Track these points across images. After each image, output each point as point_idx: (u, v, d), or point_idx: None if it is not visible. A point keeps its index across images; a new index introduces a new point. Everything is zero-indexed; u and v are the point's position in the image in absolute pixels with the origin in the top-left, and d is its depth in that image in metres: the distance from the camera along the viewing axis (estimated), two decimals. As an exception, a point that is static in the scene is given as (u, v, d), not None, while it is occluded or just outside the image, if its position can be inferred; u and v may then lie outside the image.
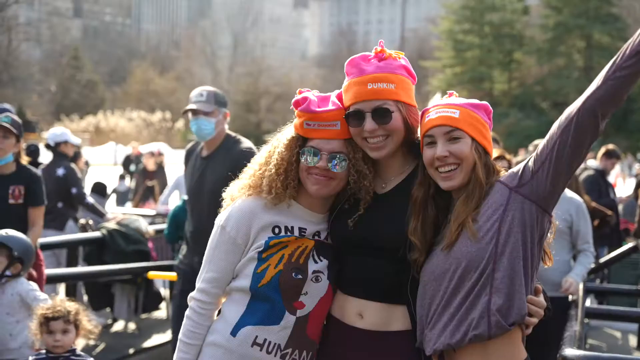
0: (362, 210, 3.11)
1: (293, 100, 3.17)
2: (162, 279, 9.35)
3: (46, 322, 4.49)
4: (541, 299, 2.87)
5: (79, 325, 4.56)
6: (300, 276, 3.11)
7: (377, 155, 3.07)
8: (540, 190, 2.75)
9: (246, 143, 5.86)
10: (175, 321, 6.02)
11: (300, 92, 3.21)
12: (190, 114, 5.87)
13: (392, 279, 3.02)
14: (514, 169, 2.88)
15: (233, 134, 6.01)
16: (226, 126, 5.98)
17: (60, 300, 4.69)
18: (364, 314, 3.06)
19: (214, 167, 5.73)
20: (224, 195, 5.48)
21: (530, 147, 6.62)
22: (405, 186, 3.08)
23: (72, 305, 4.60)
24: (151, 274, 7.82)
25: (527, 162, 2.83)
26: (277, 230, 3.17)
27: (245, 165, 5.46)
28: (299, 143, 3.15)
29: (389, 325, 3.02)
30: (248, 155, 5.55)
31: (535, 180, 2.75)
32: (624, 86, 2.59)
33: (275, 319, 3.09)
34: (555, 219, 2.90)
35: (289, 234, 3.16)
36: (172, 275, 6.03)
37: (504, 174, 2.91)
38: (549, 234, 2.88)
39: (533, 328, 2.88)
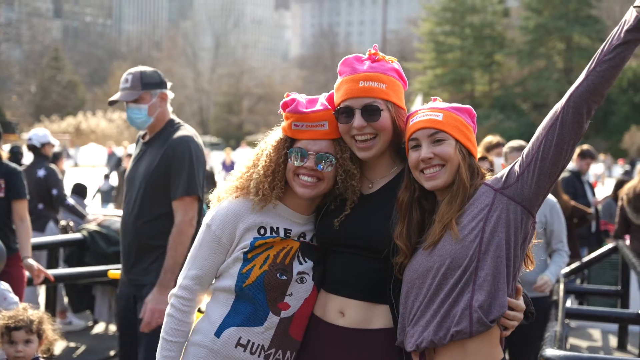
0: (348, 210, 3.13)
1: (281, 103, 3.18)
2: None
3: (8, 331, 4.26)
4: (520, 302, 2.90)
5: (42, 334, 4.34)
6: (285, 277, 3.12)
7: (365, 156, 3.10)
8: (526, 192, 2.78)
9: (183, 131, 5.25)
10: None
11: (288, 95, 3.23)
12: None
13: (373, 277, 3.04)
14: (499, 174, 2.91)
15: (177, 119, 5.41)
16: (170, 108, 5.39)
17: (23, 308, 4.41)
18: (345, 311, 3.08)
19: (150, 154, 5.23)
20: (156, 185, 5.10)
21: (505, 149, 6.56)
22: (392, 187, 3.11)
23: (35, 314, 4.37)
24: (112, 272, 7.65)
25: (513, 165, 2.87)
26: (262, 230, 3.18)
27: (176, 156, 5.05)
28: (286, 145, 3.16)
29: (370, 323, 3.04)
30: (181, 144, 5.12)
31: (520, 182, 2.79)
32: (605, 80, 2.64)
33: (258, 320, 3.10)
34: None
35: (274, 234, 3.18)
36: None
37: (489, 177, 2.95)
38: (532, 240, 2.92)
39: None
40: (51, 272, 6.65)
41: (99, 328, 9.65)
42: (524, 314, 2.91)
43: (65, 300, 9.46)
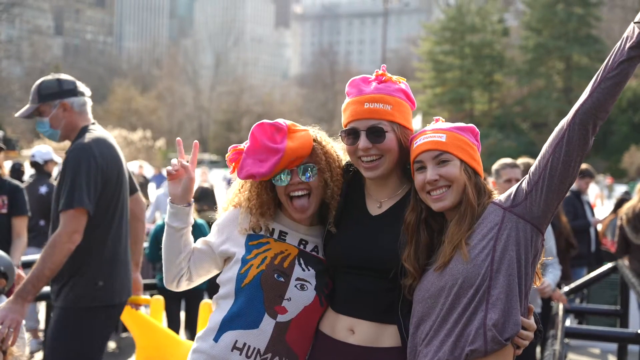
0: (356, 231, 3.17)
1: (243, 174, 3.20)
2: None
3: None
4: (532, 321, 2.91)
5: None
6: (282, 279, 3.16)
7: (372, 175, 3.12)
8: (535, 210, 2.80)
9: (83, 138, 4.77)
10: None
11: (235, 166, 3.29)
12: None
13: (382, 298, 3.06)
14: (507, 192, 2.93)
15: (90, 127, 4.95)
16: (90, 116, 5.04)
17: None
18: (355, 329, 3.09)
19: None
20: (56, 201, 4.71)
21: (496, 166, 6.47)
22: (400, 207, 3.12)
23: None
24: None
25: (521, 183, 2.89)
26: (257, 229, 3.28)
27: (65, 166, 4.64)
28: (273, 191, 3.27)
29: (380, 342, 3.05)
30: (69, 153, 4.68)
31: (529, 200, 2.81)
32: (610, 96, 2.67)
33: (254, 322, 3.12)
34: None
35: (268, 234, 3.27)
36: (146, 298, 5.52)
37: (496, 195, 2.97)
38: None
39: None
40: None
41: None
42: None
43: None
